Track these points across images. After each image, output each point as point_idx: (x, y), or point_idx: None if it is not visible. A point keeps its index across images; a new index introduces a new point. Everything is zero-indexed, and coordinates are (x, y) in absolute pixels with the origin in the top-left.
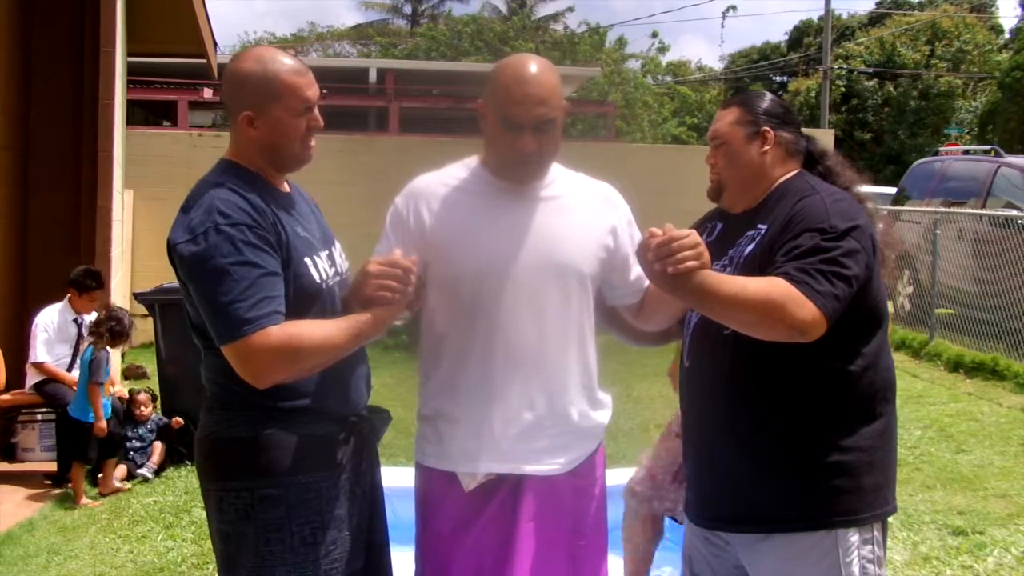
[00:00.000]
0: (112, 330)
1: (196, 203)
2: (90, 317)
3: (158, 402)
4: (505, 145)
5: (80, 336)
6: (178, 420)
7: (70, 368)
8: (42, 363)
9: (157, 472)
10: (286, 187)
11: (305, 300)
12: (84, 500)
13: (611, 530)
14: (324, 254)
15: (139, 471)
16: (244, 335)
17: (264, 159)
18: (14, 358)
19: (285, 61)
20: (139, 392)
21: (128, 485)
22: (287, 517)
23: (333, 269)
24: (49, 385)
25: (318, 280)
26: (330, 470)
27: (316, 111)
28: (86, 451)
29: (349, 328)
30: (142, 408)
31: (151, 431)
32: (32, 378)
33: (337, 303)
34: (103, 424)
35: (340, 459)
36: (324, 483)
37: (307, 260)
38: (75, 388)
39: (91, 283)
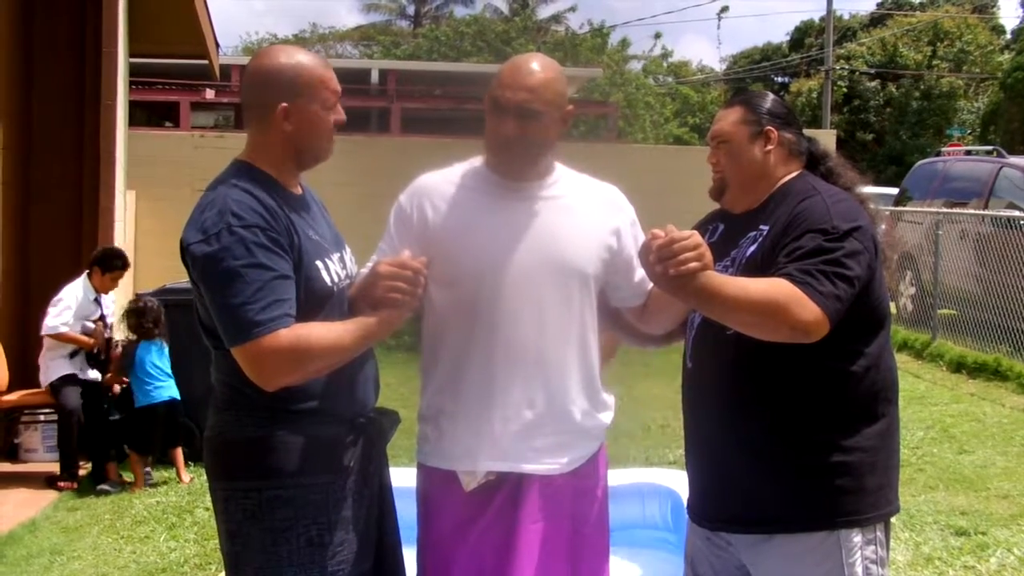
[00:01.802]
0: (140, 326)
1: (210, 203)
2: (108, 298)
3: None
4: (490, 129)
5: (102, 314)
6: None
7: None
8: (61, 333)
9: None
10: (299, 189)
11: (316, 303)
12: (145, 483)
13: (612, 531)
14: (336, 257)
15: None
16: (254, 337)
17: (289, 155)
18: (16, 358)
19: (310, 55)
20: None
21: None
22: (294, 518)
23: (344, 272)
24: (66, 387)
25: (329, 283)
26: (338, 472)
27: (339, 106)
28: (150, 438)
29: (358, 330)
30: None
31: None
32: (54, 367)
33: (345, 306)
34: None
35: (348, 461)
36: (332, 485)
37: (319, 263)
38: (91, 349)
39: (118, 262)
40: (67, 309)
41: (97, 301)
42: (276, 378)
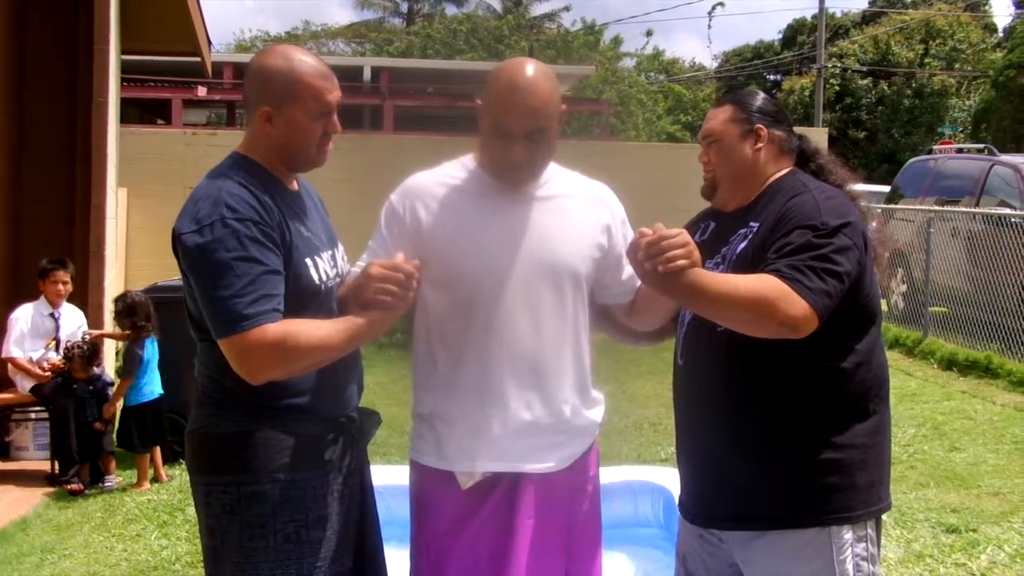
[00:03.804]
0: (134, 324)
1: (204, 194)
2: (69, 310)
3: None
4: (497, 151)
5: (58, 330)
6: (99, 425)
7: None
8: (13, 358)
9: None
10: (295, 185)
11: (303, 300)
12: (146, 485)
13: (605, 529)
14: (327, 255)
15: (105, 484)
16: (241, 330)
17: (277, 157)
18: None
19: (310, 62)
20: (72, 352)
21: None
22: (272, 514)
23: (335, 271)
24: (46, 387)
25: (317, 281)
26: (317, 469)
27: (335, 116)
28: (146, 435)
29: (347, 330)
30: (79, 372)
31: (92, 391)
32: (13, 375)
33: (333, 305)
34: (112, 409)
35: (328, 459)
36: (310, 482)
37: (308, 260)
38: (46, 380)
39: (50, 265)
40: (17, 330)
41: (53, 316)
42: (261, 372)
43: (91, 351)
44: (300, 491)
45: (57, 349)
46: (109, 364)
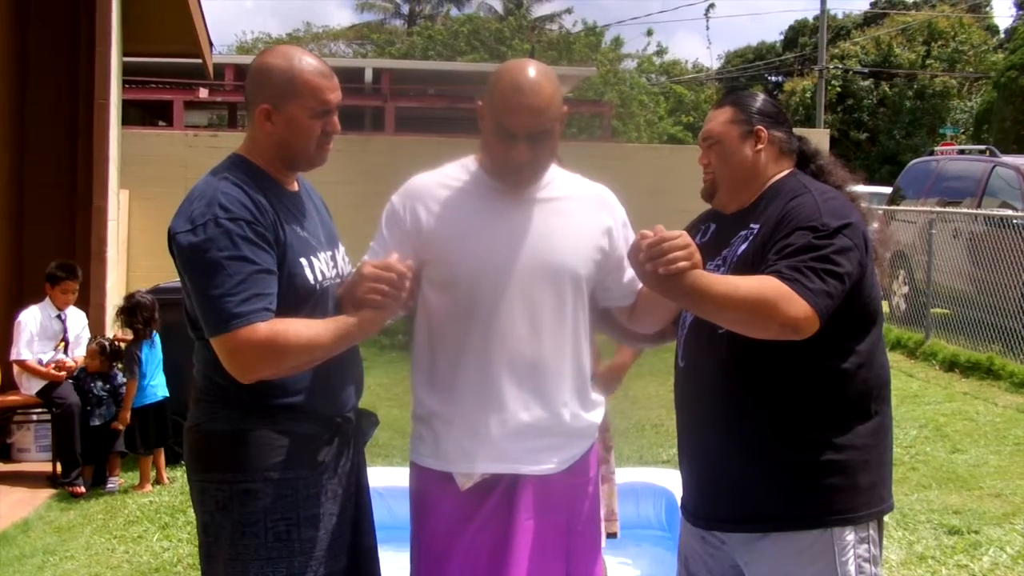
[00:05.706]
0: (131, 325)
1: (199, 194)
2: (74, 312)
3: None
4: (499, 152)
5: (65, 331)
6: (117, 424)
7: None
8: (24, 360)
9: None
10: (295, 186)
11: (298, 300)
12: (148, 487)
13: None
14: (325, 255)
15: (107, 486)
16: (231, 329)
17: (277, 155)
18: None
19: (310, 61)
20: (97, 344)
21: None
22: (263, 512)
23: (334, 271)
24: (55, 390)
25: (312, 281)
26: (310, 469)
27: (335, 116)
28: (147, 436)
29: (337, 329)
30: (91, 360)
31: (108, 389)
32: (18, 377)
33: (330, 304)
34: (127, 415)
35: (322, 459)
36: (303, 481)
37: (303, 260)
38: (60, 380)
39: (61, 273)
40: (27, 332)
41: (60, 318)
42: (251, 371)
43: (116, 349)
44: (292, 490)
45: (66, 350)
46: None
